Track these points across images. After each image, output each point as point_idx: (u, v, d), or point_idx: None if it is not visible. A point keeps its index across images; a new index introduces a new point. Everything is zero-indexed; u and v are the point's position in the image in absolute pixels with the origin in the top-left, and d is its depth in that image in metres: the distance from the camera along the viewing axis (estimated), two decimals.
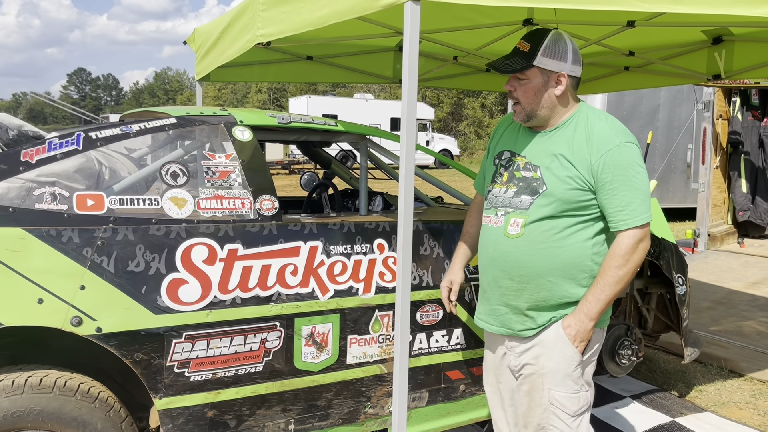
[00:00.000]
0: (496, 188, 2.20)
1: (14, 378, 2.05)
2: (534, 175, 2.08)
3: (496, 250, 2.14)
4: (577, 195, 2.01)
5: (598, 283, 2.02)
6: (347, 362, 2.67)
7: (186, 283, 2.31)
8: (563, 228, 2.05)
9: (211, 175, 2.48)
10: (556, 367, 2.11)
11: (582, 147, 2.02)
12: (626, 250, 1.99)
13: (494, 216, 2.17)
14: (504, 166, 2.20)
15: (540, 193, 2.05)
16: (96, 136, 2.37)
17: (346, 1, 2.20)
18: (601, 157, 1.98)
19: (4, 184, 2.15)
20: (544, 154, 2.09)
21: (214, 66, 3.97)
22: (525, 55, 2.05)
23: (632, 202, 1.99)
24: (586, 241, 2.07)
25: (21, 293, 2.05)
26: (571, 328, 2.06)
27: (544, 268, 2.07)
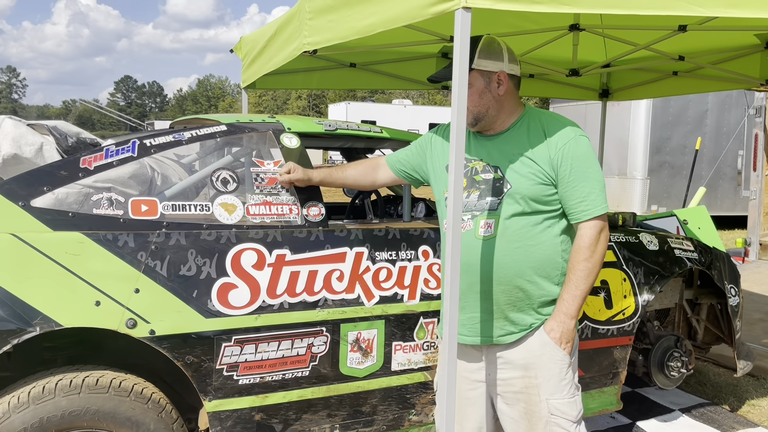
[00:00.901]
0: None
1: (72, 378, 2.11)
2: (495, 175, 2.10)
3: (470, 255, 2.10)
4: (542, 190, 2.05)
5: (571, 280, 2.05)
6: (392, 369, 2.67)
7: (236, 288, 2.35)
8: (535, 224, 2.07)
9: (259, 181, 2.52)
10: (549, 374, 2.09)
11: (540, 142, 2.07)
12: (590, 241, 2.03)
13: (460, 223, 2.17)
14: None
15: (505, 192, 2.07)
16: (150, 143, 2.44)
17: (395, 9, 2.20)
18: (560, 150, 2.03)
19: (63, 190, 2.22)
20: (501, 155, 2.11)
21: (260, 74, 4.03)
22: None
23: (591, 192, 2.03)
24: (556, 237, 2.09)
25: (79, 295, 2.11)
26: (555, 331, 2.07)
27: (522, 267, 2.07)
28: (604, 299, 3.13)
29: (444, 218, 2.24)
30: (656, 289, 3.28)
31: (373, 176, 2.56)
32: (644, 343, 3.55)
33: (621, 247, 3.26)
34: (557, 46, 4.03)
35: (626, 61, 4.31)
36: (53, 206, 2.18)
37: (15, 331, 2.01)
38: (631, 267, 3.23)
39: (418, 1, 2.01)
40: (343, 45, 3.12)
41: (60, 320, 2.07)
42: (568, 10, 1.91)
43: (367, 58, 4.63)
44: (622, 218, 3.44)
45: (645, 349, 3.54)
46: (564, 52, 4.15)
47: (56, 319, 2.06)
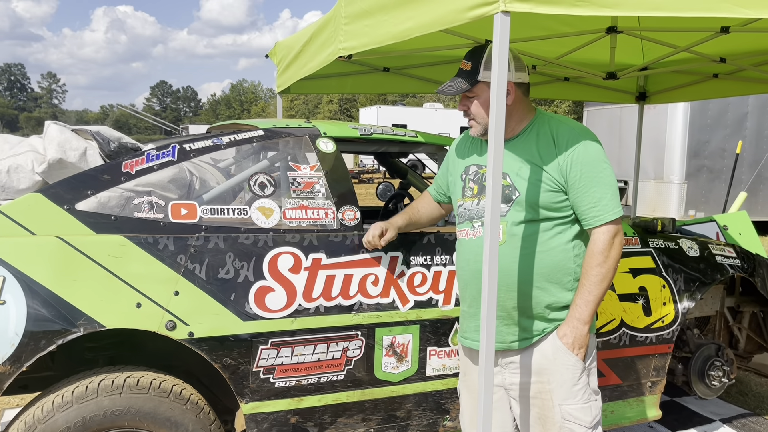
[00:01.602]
0: (467, 202, 2.21)
1: (114, 378, 2.15)
2: (505, 182, 2.09)
3: (479, 261, 2.07)
4: (550, 197, 2.04)
5: (584, 285, 2.04)
6: (427, 374, 2.66)
7: (272, 291, 2.37)
8: (544, 231, 2.07)
9: (296, 185, 2.54)
10: (561, 379, 2.08)
11: (549, 149, 2.06)
12: (604, 246, 2.02)
13: (471, 228, 2.17)
14: (472, 180, 2.21)
15: (514, 199, 2.07)
16: (190, 147, 2.48)
17: (432, 13, 2.20)
18: (569, 156, 2.02)
19: (106, 194, 2.27)
20: (511, 162, 2.10)
21: (295, 79, 4.06)
22: (468, 74, 2.11)
23: (603, 197, 2.02)
24: (567, 243, 2.08)
25: (121, 297, 2.16)
26: (568, 336, 2.06)
27: (531, 274, 2.07)
28: (643, 306, 3.08)
29: (457, 226, 2.27)
30: (697, 297, 3.21)
31: (431, 212, 2.58)
32: (684, 352, 3.47)
33: (660, 253, 3.19)
34: (593, 49, 3.98)
35: (666, 63, 4.23)
36: (96, 209, 2.23)
37: (60, 332, 2.06)
38: (670, 273, 3.17)
39: (456, 5, 2.01)
40: (377, 49, 3.13)
41: (103, 321, 2.11)
42: (609, 12, 1.89)
43: (401, 62, 4.64)
44: (661, 223, 3.37)
45: (685, 358, 3.46)
46: (600, 54, 4.09)
47: (99, 321, 2.11)
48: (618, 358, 3.05)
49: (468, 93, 2.13)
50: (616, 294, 3.01)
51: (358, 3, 2.82)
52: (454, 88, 2.12)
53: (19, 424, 2.08)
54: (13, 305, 2.02)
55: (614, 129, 11.13)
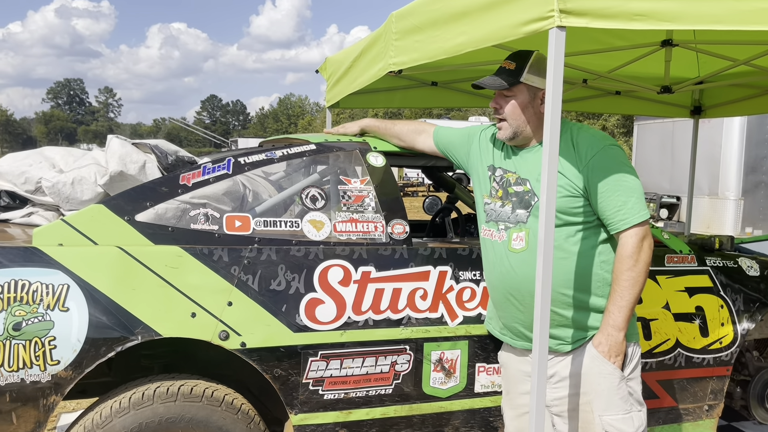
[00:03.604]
0: (494, 202, 2.25)
1: (169, 386, 2.21)
2: (525, 188, 2.13)
3: (503, 265, 2.17)
4: (569, 202, 2.05)
5: (615, 291, 2.02)
6: (475, 390, 2.64)
7: (322, 303, 2.39)
8: (567, 237, 2.06)
9: (346, 199, 2.57)
10: (599, 389, 2.05)
11: (569, 155, 2.07)
12: (632, 249, 2.00)
13: (496, 230, 2.22)
14: (498, 183, 2.26)
15: (533, 205, 2.09)
16: (244, 161, 2.53)
17: (485, 28, 2.20)
18: (589, 162, 2.03)
19: (164, 205, 2.34)
20: (532, 168, 2.13)
21: (344, 93, 4.11)
22: (511, 73, 2.13)
23: (627, 201, 2.01)
24: (591, 249, 2.07)
25: (177, 307, 2.21)
26: (603, 345, 2.04)
27: (555, 281, 2.02)
28: (700, 326, 2.98)
29: (482, 222, 2.32)
30: (757, 318, 3.09)
31: (413, 139, 2.67)
32: (743, 375, 3.35)
33: (718, 272, 3.09)
34: (647, 62, 3.90)
35: (723, 77, 4.12)
36: (155, 221, 2.30)
37: (119, 339, 2.13)
38: (729, 293, 3.07)
39: (510, 20, 2.01)
40: (426, 64, 3.15)
41: (159, 330, 2.17)
42: (668, 26, 1.86)
43: (449, 76, 4.65)
44: (719, 241, 3.27)
45: (744, 381, 3.34)
46: (653, 68, 4.01)
47: (156, 329, 2.17)
48: (673, 380, 2.96)
49: (506, 92, 2.16)
50: (671, 313, 2.93)
51: (409, 18, 2.85)
52: (494, 84, 2.15)
53: (78, 428, 2.15)
54: (76, 312, 2.10)
55: (666, 143, 10.86)
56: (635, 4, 1.79)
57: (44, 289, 2.08)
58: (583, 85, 4.55)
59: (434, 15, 2.56)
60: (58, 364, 2.07)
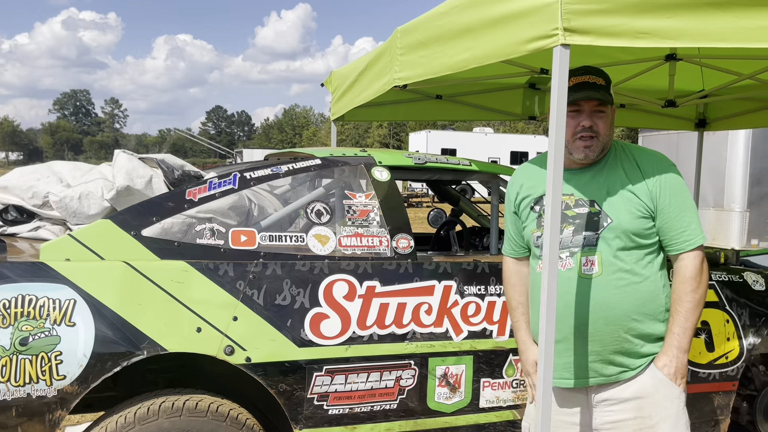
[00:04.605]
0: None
1: (174, 400, 2.21)
2: (591, 209, 2.03)
3: (572, 294, 2.01)
4: (642, 224, 1.99)
5: (679, 312, 1.97)
6: (480, 405, 2.63)
7: (327, 318, 2.40)
8: (637, 260, 2.01)
9: (351, 213, 2.58)
10: (665, 413, 1.99)
11: (635, 175, 2.03)
12: (696, 271, 1.98)
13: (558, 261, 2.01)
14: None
15: (605, 227, 2.00)
16: (250, 176, 2.55)
17: (489, 45, 2.22)
18: (657, 182, 2.00)
19: (170, 220, 2.35)
20: (597, 188, 2.05)
21: (350, 107, 4.14)
22: (606, 89, 2.04)
23: (692, 222, 2.00)
24: (657, 272, 2.03)
25: (182, 322, 2.22)
26: (669, 367, 1.99)
27: (630, 305, 1.99)
28: (705, 341, 2.97)
29: (536, 259, 2.14)
30: (763, 332, 3.08)
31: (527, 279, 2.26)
32: (749, 390, 3.32)
33: (723, 286, 3.09)
34: (651, 76, 3.92)
35: (728, 90, 4.13)
36: (161, 236, 2.31)
37: (125, 354, 2.13)
38: (734, 308, 3.06)
39: (514, 37, 2.02)
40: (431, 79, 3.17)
41: (165, 345, 2.18)
42: (671, 44, 1.86)
43: (454, 90, 4.67)
44: (724, 256, 3.26)
45: (750, 396, 3.31)
46: (658, 81, 4.02)
47: (161, 344, 2.17)
48: None
49: (601, 107, 2.04)
50: None
51: (414, 34, 2.87)
52: (605, 98, 2.01)
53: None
54: (83, 327, 2.10)
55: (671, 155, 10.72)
56: (639, 23, 1.80)
57: (51, 304, 2.09)
58: None
59: (439, 31, 2.58)
60: (64, 379, 2.07)
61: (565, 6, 1.80)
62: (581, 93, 2.01)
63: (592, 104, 2.02)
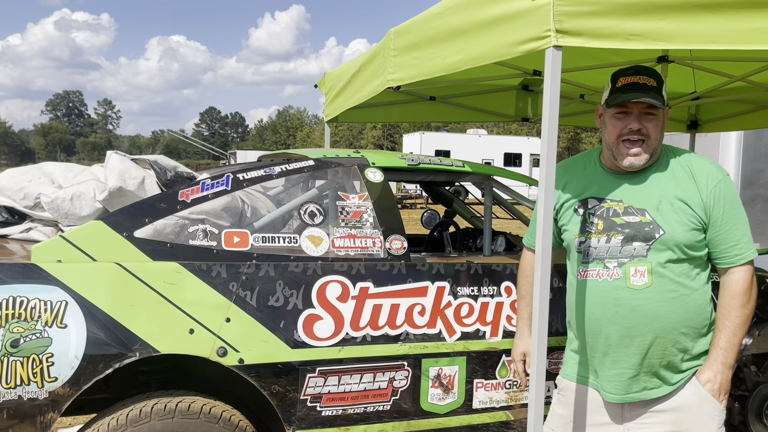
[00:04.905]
0: (592, 239, 1.99)
1: (166, 402, 2.20)
2: (643, 219, 1.93)
3: (620, 305, 1.92)
4: (695, 236, 1.91)
5: (727, 327, 1.91)
6: (473, 406, 2.63)
7: (321, 319, 2.39)
8: (687, 272, 1.93)
9: (345, 214, 2.58)
10: (706, 429, 1.94)
11: (688, 184, 1.93)
12: (747, 285, 1.91)
13: (603, 269, 1.96)
14: (595, 215, 2.00)
15: (656, 238, 1.91)
16: (243, 177, 2.54)
17: (482, 47, 2.22)
18: (711, 192, 1.91)
19: (162, 222, 2.35)
20: (647, 196, 1.95)
21: (343, 108, 4.14)
22: (657, 90, 1.93)
23: (744, 235, 1.93)
24: (705, 285, 1.95)
25: (175, 323, 2.21)
26: (713, 383, 1.92)
27: (679, 319, 1.92)
28: None
29: (577, 265, 2.03)
30: (754, 333, 3.09)
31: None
32: (741, 390, 3.34)
33: (714, 287, 3.09)
34: None
35: (719, 92, 4.16)
36: (153, 237, 2.30)
37: (117, 356, 2.12)
38: None
39: (507, 39, 2.03)
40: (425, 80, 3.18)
41: (157, 346, 2.17)
42: (662, 46, 1.88)
43: (447, 91, 4.68)
44: None
45: (742, 396, 3.33)
46: None
47: (154, 346, 2.16)
48: None
49: (653, 110, 1.94)
50: None
51: (408, 35, 2.87)
52: (655, 100, 1.90)
53: None
54: (74, 329, 2.09)
55: None
56: (631, 25, 1.81)
57: (42, 306, 2.08)
58: (580, 100, 4.59)
59: (432, 32, 2.58)
60: (55, 381, 2.06)
61: (557, 8, 1.81)
62: (629, 94, 1.91)
63: (642, 106, 1.92)
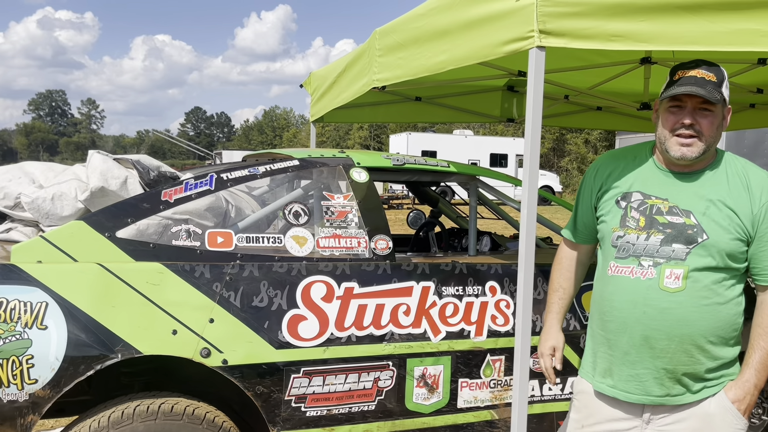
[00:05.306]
0: (630, 234, 1.93)
1: (149, 404, 2.18)
2: (687, 221, 1.87)
3: (650, 306, 1.88)
4: (737, 246, 1.85)
5: (762, 348, 1.87)
6: (458, 406, 2.64)
7: (305, 320, 2.39)
8: (723, 281, 1.87)
9: (330, 214, 2.57)
10: None
11: (741, 194, 1.87)
12: None
13: (637, 267, 1.91)
14: (637, 210, 1.94)
15: (699, 243, 1.84)
16: (227, 177, 2.53)
17: (466, 47, 2.24)
18: (764, 206, 1.85)
19: (145, 222, 2.33)
20: (695, 199, 1.89)
21: (329, 108, 4.14)
22: (716, 85, 1.84)
23: None
24: (738, 297, 1.91)
25: (158, 324, 2.20)
26: (743, 402, 1.89)
27: (708, 327, 1.87)
28: None
29: (610, 259, 1.97)
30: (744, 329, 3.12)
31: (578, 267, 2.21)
32: None
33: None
34: (627, 79, 3.97)
35: None
36: (136, 237, 2.29)
37: (98, 357, 2.10)
38: None
39: (491, 39, 2.04)
40: (410, 80, 3.18)
41: (140, 347, 2.15)
42: (644, 47, 1.90)
43: (433, 92, 4.69)
44: None
45: None
46: (633, 84, 4.08)
47: (136, 347, 2.14)
48: None
49: (709, 106, 1.85)
50: None
51: (392, 35, 2.88)
52: (709, 95, 1.80)
53: None
54: (54, 330, 2.07)
55: None
56: (612, 26, 1.83)
57: (22, 307, 2.05)
58: (565, 100, 4.62)
59: (417, 33, 2.59)
60: (35, 383, 2.04)
61: (540, 8, 1.82)
62: (683, 87, 1.82)
63: (696, 101, 1.83)
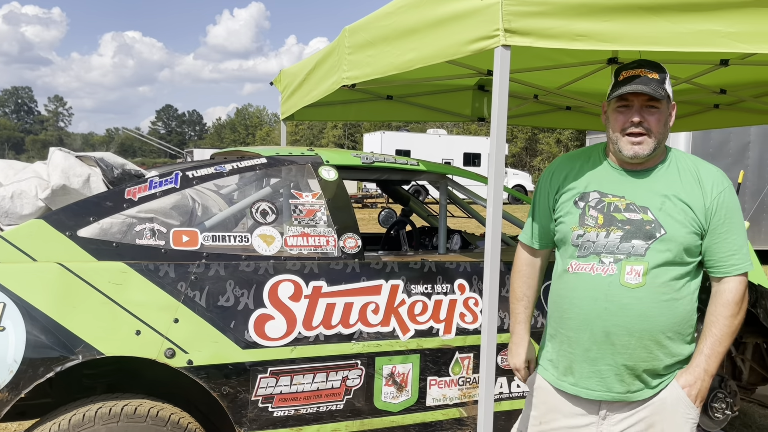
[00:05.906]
0: (590, 233, 1.95)
1: (111, 406, 2.14)
2: (644, 217, 1.90)
3: (611, 301, 1.89)
4: (693, 240, 1.89)
5: (714, 335, 1.90)
6: (426, 404, 2.64)
7: (272, 319, 2.36)
8: (681, 276, 1.89)
9: (298, 213, 2.55)
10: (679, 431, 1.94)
11: (693, 188, 1.91)
12: (739, 297, 1.90)
13: (598, 263, 1.92)
14: (595, 208, 1.96)
15: (657, 238, 1.87)
16: (192, 174, 2.49)
17: (434, 45, 2.24)
18: (715, 200, 1.89)
19: (108, 220, 2.28)
20: (650, 195, 1.92)
21: (299, 106, 4.11)
22: (659, 83, 1.88)
23: (742, 246, 1.91)
24: (694, 292, 1.94)
25: (121, 324, 2.15)
26: (693, 388, 1.91)
27: (666, 323, 1.89)
28: None
29: (570, 258, 1.98)
30: (698, 327, 3.18)
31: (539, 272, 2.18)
32: None
33: None
34: (595, 79, 4.02)
35: None
36: (98, 236, 2.24)
37: (58, 359, 2.05)
38: None
39: (457, 38, 2.04)
40: (380, 79, 3.17)
41: (102, 349, 2.11)
42: (608, 47, 1.92)
43: (404, 90, 4.69)
44: None
45: None
46: (601, 84, 4.12)
47: (98, 348, 2.10)
48: None
49: (654, 103, 1.88)
50: None
51: (362, 33, 2.87)
52: (654, 92, 1.84)
53: None
54: (12, 332, 2.02)
55: None
56: (577, 26, 1.85)
57: None
58: (535, 100, 4.66)
59: (385, 31, 2.58)
60: None
61: (505, 7, 1.83)
62: (628, 86, 1.85)
63: (643, 99, 1.87)
